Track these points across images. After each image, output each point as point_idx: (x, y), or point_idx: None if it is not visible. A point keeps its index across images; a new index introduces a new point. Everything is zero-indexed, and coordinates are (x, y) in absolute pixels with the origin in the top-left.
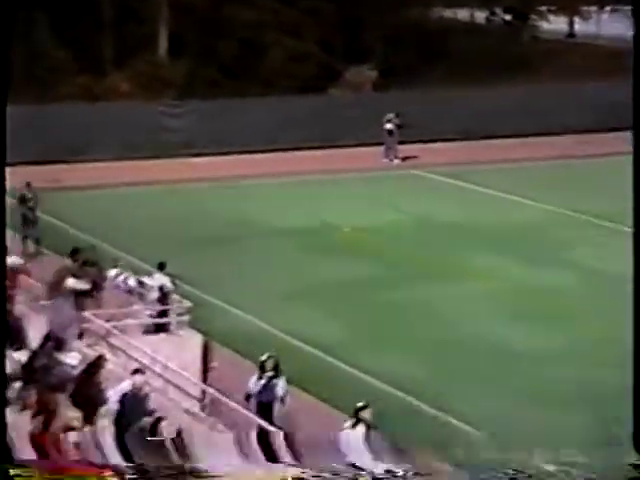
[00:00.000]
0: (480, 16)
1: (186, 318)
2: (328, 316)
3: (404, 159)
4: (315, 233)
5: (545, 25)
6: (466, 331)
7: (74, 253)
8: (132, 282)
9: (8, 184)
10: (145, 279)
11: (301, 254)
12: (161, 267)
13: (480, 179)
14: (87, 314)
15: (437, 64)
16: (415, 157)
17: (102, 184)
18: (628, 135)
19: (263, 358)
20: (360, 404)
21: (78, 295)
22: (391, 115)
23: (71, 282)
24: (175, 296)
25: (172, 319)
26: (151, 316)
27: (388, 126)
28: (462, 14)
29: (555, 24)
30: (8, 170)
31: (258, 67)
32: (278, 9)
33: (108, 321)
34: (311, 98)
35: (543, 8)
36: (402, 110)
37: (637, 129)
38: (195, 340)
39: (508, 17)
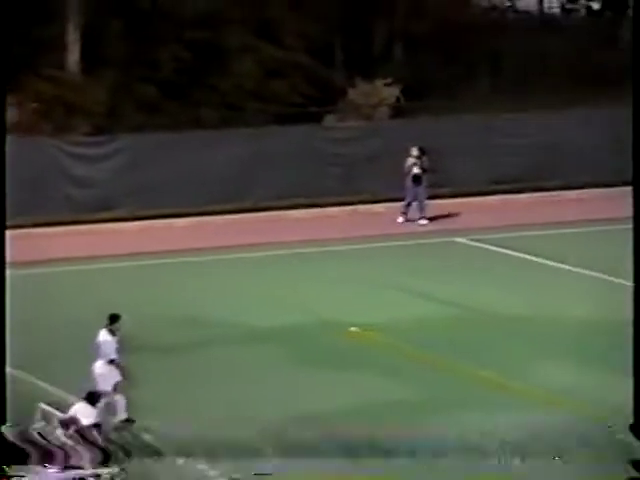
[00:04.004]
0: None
1: None
2: None
3: (434, 219)
4: (308, 336)
5: None
6: None
7: None
8: None
9: None
10: None
11: (290, 368)
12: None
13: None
14: None
15: (484, 77)
16: (451, 215)
17: None
18: None
19: None
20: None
21: None
22: (415, 152)
23: None
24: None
25: None
26: None
27: (415, 170)
28: (525, 2)
29: None
30: None
31: (218, 84)
32: None
33: None
34: (297, 131)
35: None
36: (435, 145)
37: (637, 144)
38: None
39: (596, 6)
